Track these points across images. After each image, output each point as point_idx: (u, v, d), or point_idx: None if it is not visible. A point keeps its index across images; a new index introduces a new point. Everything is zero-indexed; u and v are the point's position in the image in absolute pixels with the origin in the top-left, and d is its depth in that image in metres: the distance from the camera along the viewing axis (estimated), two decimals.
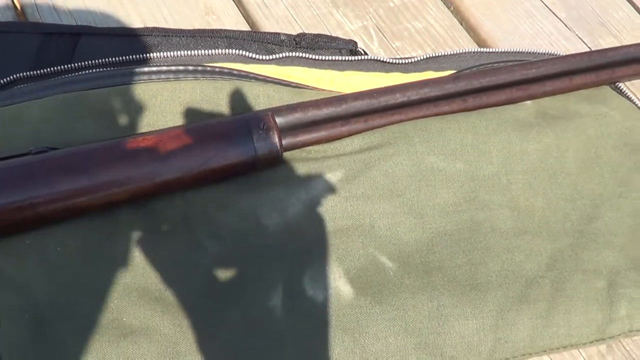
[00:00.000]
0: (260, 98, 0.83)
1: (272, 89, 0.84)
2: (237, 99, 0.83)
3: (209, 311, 0.72)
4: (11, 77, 0.85)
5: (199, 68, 0.84)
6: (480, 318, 0.74)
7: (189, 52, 0.86)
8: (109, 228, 0.76)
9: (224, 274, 0.74)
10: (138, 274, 0.74)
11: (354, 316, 0.73)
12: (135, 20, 0.93)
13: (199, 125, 0.77)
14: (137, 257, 0.75)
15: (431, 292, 0.74)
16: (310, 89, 0.86)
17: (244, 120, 0.77)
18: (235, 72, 0.84)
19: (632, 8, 1.03)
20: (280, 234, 0.76)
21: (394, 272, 0.75)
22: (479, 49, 0.93)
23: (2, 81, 0.85)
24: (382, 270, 0.75)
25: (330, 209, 0.78)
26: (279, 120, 0.78)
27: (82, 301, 0.72)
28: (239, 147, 0.75)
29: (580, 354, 0.78)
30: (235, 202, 0.77)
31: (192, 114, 0.81)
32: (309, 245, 0.76)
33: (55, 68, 0.86)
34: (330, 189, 0.78)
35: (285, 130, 0.79)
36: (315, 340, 0.72)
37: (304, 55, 0.88)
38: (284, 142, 0.78)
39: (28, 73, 0.85)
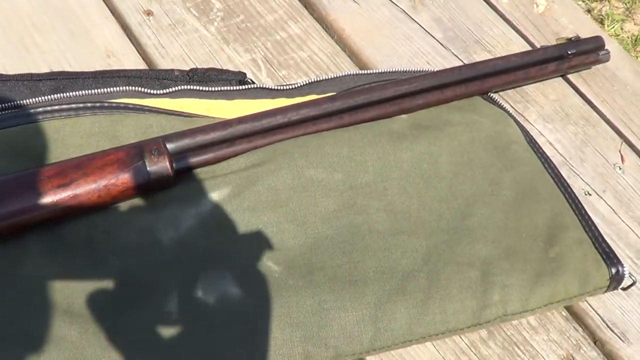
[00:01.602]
0: (153, 127, 0.91)
1: (164, 119, 0.92)
2: (132, 130, 0.90)
3: (111, 319, 0.79)
4: None
5: (97, 104, 0.91)
6: (359, 310, 0.81)
7: (90, 91, 0.93)
8: (16, 253, 0.82)
9: (125, 285, 0.81)
10: (47, 291, 0.80)
11: (243, 315, 0.80)
12: (42, 65, 1.00)
13: (98, 154, 0.84)
14: (46, 276, 0.81)
15: (313, 289, 0.82)
16: (200, 117, 0.94)
17: (137, 148, 0.84)
18: (130, 105, 0.92)
19: (506, 24, 1.12)
20: (175, 247, 0.84)
21: (279, 274, 0.82)
22: (358, 71, 1.01)
23: None
24: (269, 273, 0.83)
25: (219, 222, 0.85)
26: (169, 145, 0.86)
27: (21, 312, 0.79)
28: (132, 172, 0.83)
29: (462, 340, 0.85)
30: (134, 221, 0.84)
31: (92, 145, 0.89)
32: (201, 255, 0.83)
33: None
34: (219, 204, 0.85)
35: (175, 155, 0.86)
36: (209, 339, 0.78)
37: (194, 87, 0.96)
38: (175, 165, 0.86)
39: None
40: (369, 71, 1.01)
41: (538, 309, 0.84)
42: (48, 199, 0.81)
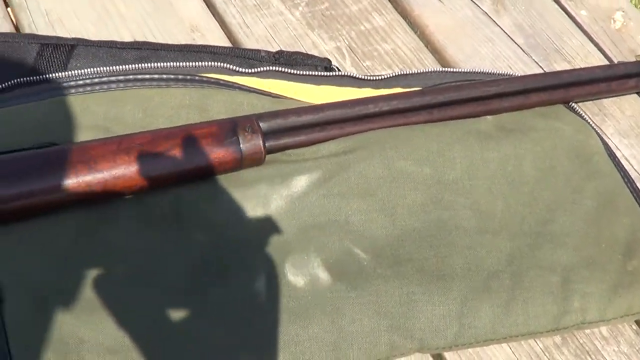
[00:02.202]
0: (244, 105, 0.90)
1: (255, 97, 0.91)
2: (223, 105, 0.90)
3: (198, 293, 0.78)
4: (12, 82, 0.90)
5: (188, 77, 0.91)
6: (446, 305, 0.81)
7: (178, 63, 0.93)
8: (104, 216, 0.81)
9: (210, 261, 0.80)
10: (128, 259, 0.79)
11: (332, 300, 0.79)
12: (124, 35, 0.99)
13: (190, 126, 0.83)
14: (129, 244, 0.80)
15: (402, 280, 0.81)
16: (288, 99, 0.93)
17: (231, 124, 0.83)
18: (221, 81, 0.91)
19: (584, 36, 1.12)
20: (263, 226, 0.83)
21: (367, 263, 0.82)
22: (444, 69, 1.00)
23: (4, 85, 0.90)
24: (357, 261, 0.82)
25: (309, 205, 0.84)
26: (262, 124, 0.85)
27: (78, 282, 0.77)
28: (227, 147, 0.82)
29: (537, 344, 0.84)
30: (222, 197, 0.83)
31: (181, 117, 0.88)
32: (289, 237, 0.83)
33: (52, 75, 0.91)
34: (310, 187, 0.85)
35: (267, 134, 0.85)
36: (296, 321, 0.78)
37: (283, 69, 0.95)
38: (266, 144, 0.84)
39: (28, 78, 0.91)
40: (454, 69, 1.00)
41: (614, 320, 0.84)
42: (140, 167, 0.79)
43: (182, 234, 0.81)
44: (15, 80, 0.91)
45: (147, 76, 0.90)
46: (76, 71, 0.90)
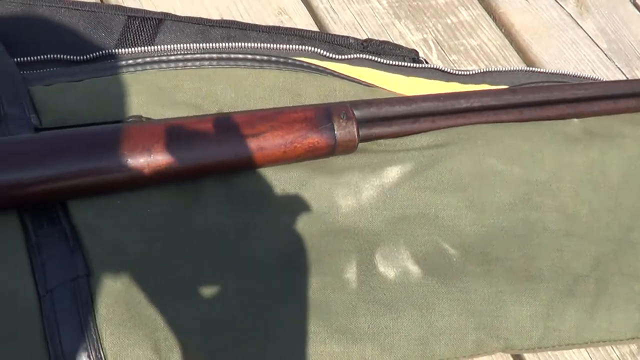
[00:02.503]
0: (336, 92, 0.89)
1: (347, 84, 0.90)
2: (315, 90, 0.89)
3: (287, 277, 0.78)
4: (99, 53, 0.90)
5: (281, 59, 0.90)
6: (533, 306, 0.80)
7: (270, 45, 0.92)
8: (193, 195, 0.81)
9: (300, 246, 0.79)
10: (217, 240, 0.79)
11: (422, 294, 0.79)
12: (212, 13, 0.99)
13: (286, 110, 0.83)
14: (217, 224, 0.80)
15: (490, 279, 0.80)
16: (380, 89, 0.92)
17: (326, 110, 0.83)
18: (313, 66, 0.91)
19: None
20: (354, 215, 0.82)
21: (456, 259, 0.81)
22: (530, 68, 0.99)
23: (90, 55, 0.89)
24: (446, 256, 0.81)
25: (400, 197, 0.84)
26: (356, 112, 0.84)
27: (168, 260, 0.77)
28: (321, 132, 0.81)
29: (614, 350, 0.84)
30: (313, 183, 0.83)
31: (274, 100, 0.87)
32: (379, 227, 0.82)
33: (140, 49, 0.91)
34: (401, 179, 0.84)
35: (360, 122, 0.84)
36: (386, 312, 0.77)
37: (373, 58, 0.94)
38: (360, 132, 0.84)
39: (114, 50, 0.90)
40: (540, 70, 0.99)
41: None
42: (234, 147, 0.78)
43: (270, 217, 0.81)
44: (102, 52, 0.90)
45: (241, 56, 0.89)
46: (168, 46, 0.90)
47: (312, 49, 0.92)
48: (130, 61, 0.89)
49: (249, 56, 0.89)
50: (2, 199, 0.76)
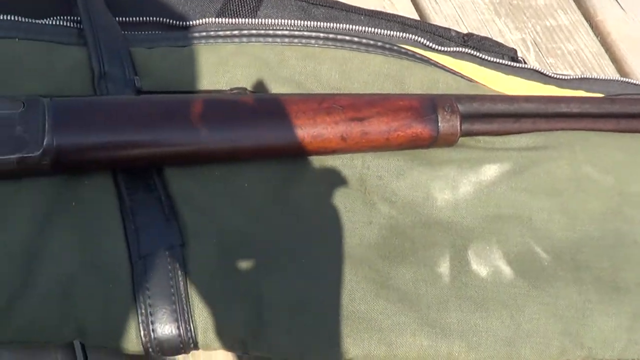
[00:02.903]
0: (439, 84, 0.89)
1: (450, 77, 0.90)
2: (419, 80, 0.89)
3: (381, 265, 0.78)
4: (201, 21, 0.90)
5: (387, 45, 0.90)
6: (618, 317, 0.80)
7: (374, 29, 0.92)
8: (292, 173, 0.81)
9: (395, 234, 0.80)
10: (313, 221, 0.79)
11: (513, 295, 0.79)
12: None
13: (391, 97, 0.83)
14: (315, 205, 0.80)
15: (580, 286, 0.80)
16: (481, 85, 0.92)
17: (431, 101, 0.83)
18: (418, 55, 0.91)
19: None
20: (449, 209, 0.82)
21: (547, 263, 0.81)
22: (626, 79, 0.99)
23: (195, 22, 0.89)
24: (538, 260, 0.81)
25: (496, 196, 0.84)
26: (459, 106, 0.84)
27: (264, 236, 0.77)
28: (425, 123, 0.81)
29: None
30: (411, 173, 0.83)
31: (376, 85, 0.87)
32: (472, 224, 0.82)
33: (245, 20, 0.91)
34: (499, 178, 0.84)
35: (463, 117, 0.84)
36: (476, 310, 0.77)
37: (475, 53, 0.94)
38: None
39: (220, 20, 0.90)
40: (636, 82, 0.99)
41: None
42: (338, 129, 0.79)
43: (367, 203, 0.81)
44: (206, 20, 0.91)
45: (347, 38, 0.89)
46: (274, 20, 0.90)
47: (415, 37, 0.92)
48: (235, 32, 0.89)
49: (356, 39, 0.89)
50: (99, 160, 0.77)
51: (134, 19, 0.91)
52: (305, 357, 0.74)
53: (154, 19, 0.91)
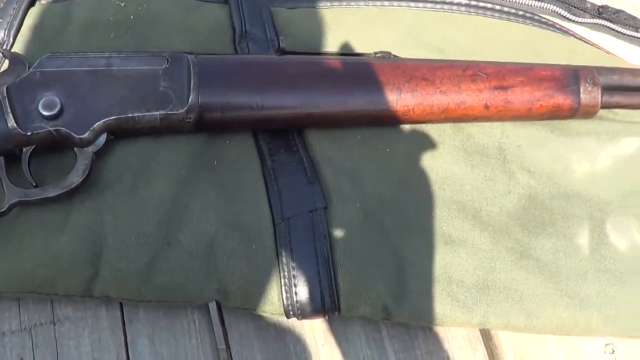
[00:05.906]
0: (577, 54, 0.89)
1: (588, 48, 0.90)
2: (557, 50, 0.89)
3: (521, 235, 0.78)
4: None
5: (528, 14, 0.89)
6: None
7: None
8: (433, 141, 0.82)
9: (534, 204, 0.80)
10: (456, 189, 0.79)
11: None
12: None
13: (534, 66, 0.82)
14: (455, 174, 0.81)
15: None
16: (618, 58, 0.91)
17: (574, 72, 0.82)
18: (557, 26, 0.90)
19: None
20: (587, 181, 0.82)
21: None
22: None
23: None
24: None
25: (635, 169, 0.84)
26: (600, 78, 0.83)
27: (404, 202, 0.78)
28: (567, 94, 0.81)
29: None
30: (549, 144, 0.83)
31: (514, 54, 0.86)
32: (611, 197, 0.82)
33: None
34: (638, 152, 0.83)
35: (603, 89, 0.83)
36: (615, 283, 0.77)
37: (611, 25, 0.93)
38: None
39: None
40: None
41: None
42: (481, 96, 0.78)
43: (506, 172, 0.81)
44: None
45: (489, 5, 0.89)
46: None
47: (553, 7, 0.92)
48: None
49: (497, 6, 0.89)
50: (242, 119, 0.77)
51: None
52: (445, 322, 0.74)
53: None
